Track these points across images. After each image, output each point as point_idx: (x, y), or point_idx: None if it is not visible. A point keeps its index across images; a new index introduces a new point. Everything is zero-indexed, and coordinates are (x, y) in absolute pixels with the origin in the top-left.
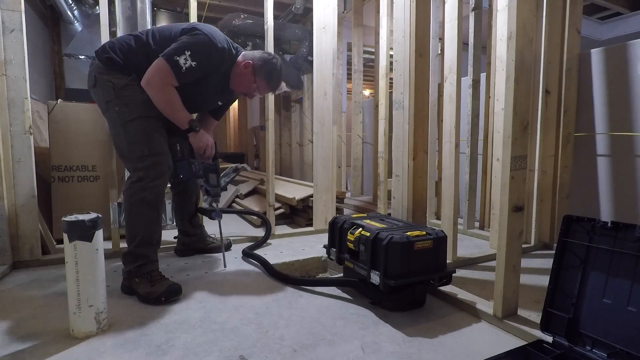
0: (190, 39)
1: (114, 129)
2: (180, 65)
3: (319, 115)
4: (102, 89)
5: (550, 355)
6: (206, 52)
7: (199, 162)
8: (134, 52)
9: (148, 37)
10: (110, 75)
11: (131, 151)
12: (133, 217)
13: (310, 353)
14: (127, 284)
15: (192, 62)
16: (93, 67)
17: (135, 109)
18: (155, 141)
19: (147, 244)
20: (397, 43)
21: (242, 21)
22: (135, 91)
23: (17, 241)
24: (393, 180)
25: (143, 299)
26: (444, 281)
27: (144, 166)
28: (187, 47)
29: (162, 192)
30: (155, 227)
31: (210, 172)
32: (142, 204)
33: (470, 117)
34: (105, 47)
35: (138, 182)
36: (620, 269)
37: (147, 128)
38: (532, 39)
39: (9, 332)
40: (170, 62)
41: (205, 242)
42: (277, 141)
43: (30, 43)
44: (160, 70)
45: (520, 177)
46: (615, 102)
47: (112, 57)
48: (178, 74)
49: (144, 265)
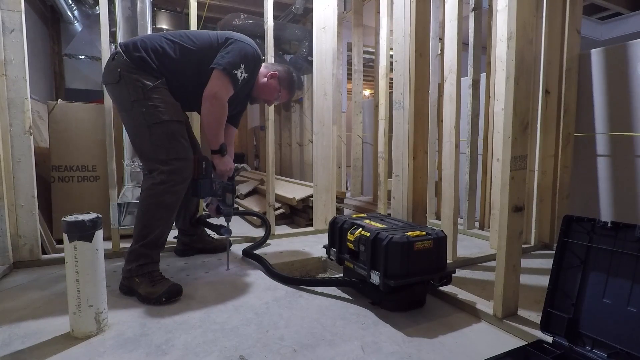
0: (241, 49)
1: (137, 129)
2: (238, 78)
3: (319, 115)
4: (128, 88)
5: (550, 355)
6: (254, 63)
7: (219, 181)
8: (170, 56)
9: (184, 42)
10: (139, 75)
11: (155, 153)
12: (148, 217)
13: (310, 353)
14: (126, 284)
15: (245, 74)
16: (118, 63)
17: (163, 112)
18: (181, 146)
19: (154, 245)
20: (397, 43)
21: (242, 21)
22: (164, 94)
23: (17, 241)
24: (393, 180)
25: (143, 299)
26: (444, 281)
27: (168, 169)
28: (241, 59)
29: (181, 197)
30: (166, 229)
31: (228, 192)
32: (161, 207)
33: (470, 117)
34: (137, 45)
35: (160, 185)
36: (620, 269)
37: (174, 132)
38: (532, 39)
39: (9, 332)
40: (230, 76)
41: (205, 242)
42: (277, 141)
43: (30, 43)
44: (224, 84)
45: (520, 177)
46: (615, 102)
47: (145, 58)
48: (235, 87)
49: (146, 265)
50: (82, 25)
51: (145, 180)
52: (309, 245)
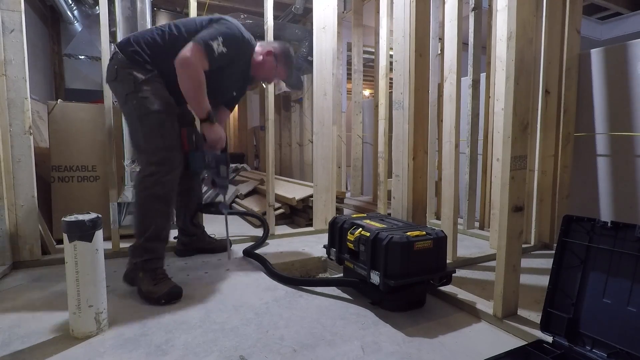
0: (220, 26)
1: (131, 122)
2: (214, 49)
3: (319, 115)
4: (122, 82)
5: (550, 355)
6: (235, 40)
7: (211, 153)
8: (160, 45)
9: (172, 29)
10: (132, 69)
11: (146, 144)
12: (144, 211)
13: (310, 353)
14: (131, 275)
15: (223, 47)
16: (115, 61)
17: (153, 103)
18: (169, 136)
19: (156, 238)
20: (397, 43)
21: (242, 21)
22: (156, 86)
23: (17, 241)
24: (393, 180)
25: (143, 295)
26: (444, 281)
27: (155, 160)
28: (220, 33)
29: (174, 187)
30: (165, 222)
31: (221, 164)
32: (154, 198)
33: (470, 117)
34: (130, 40)
35: (150, 177)
36: (620, 269)
37: (162, 122)
38: (532, 39)
39: (9, 332)
40: (204, 46)
41: (205, 242)
42: (277, 141)
43: (30, 43)
44: (196, 52)
45: (520, 177)
46: (615, 102)
47: (138, 51)
48: (211, 59)
49: (151, 261)
50: (82, 25)
51: (136, 176)
52: (309, 245)
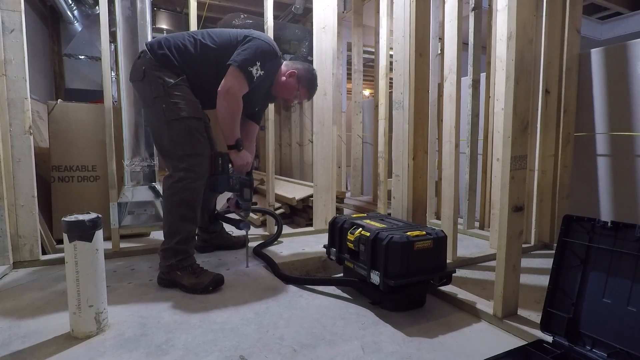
0: (257, 47)
1: (157, 125)
2: (253, 75)
3: (319, 115)
4: (151, 84)
5: (550, 355)
6: (271, 59)
7: (236, 176)
8: (190, 53)
9: (205, 39)
10: (161, 72)
11: (174, 149)
12: (173, 215)
13: (310, 353)
14: (167, 278)
15: (261, 71)
16: (143, 61)
17: (183, 108)
18: (198, 143)
19: (186, 240)
20: (397, 43)
21: (242, 21)
22: (185, 91)
23: (17, 241)
24: (393, 180)
25: (188, 289)
26: (444, 281)
27: (184, 167)
28: (257, 56)
29: (201, 193)
30: (193, 225)
31: (245, 187)
32: (182, 204)
33: (470, 117)
34: (161, 43)
35: (178, 183)
36: (620, 268)
37: (192, 129)
38: (532, 39)
39: (9, 332)
40: (244, 72)
41: (224, 239)
42: (277, 141)
43: (30, 43)
44: (238, 80)
45: (520, 177)
46: (615, 102)
47: (167, 55)
48: (250, 83)
49: (185, 259)
50: (82, 25)
51: (165, 180)
52: (309, 245)
